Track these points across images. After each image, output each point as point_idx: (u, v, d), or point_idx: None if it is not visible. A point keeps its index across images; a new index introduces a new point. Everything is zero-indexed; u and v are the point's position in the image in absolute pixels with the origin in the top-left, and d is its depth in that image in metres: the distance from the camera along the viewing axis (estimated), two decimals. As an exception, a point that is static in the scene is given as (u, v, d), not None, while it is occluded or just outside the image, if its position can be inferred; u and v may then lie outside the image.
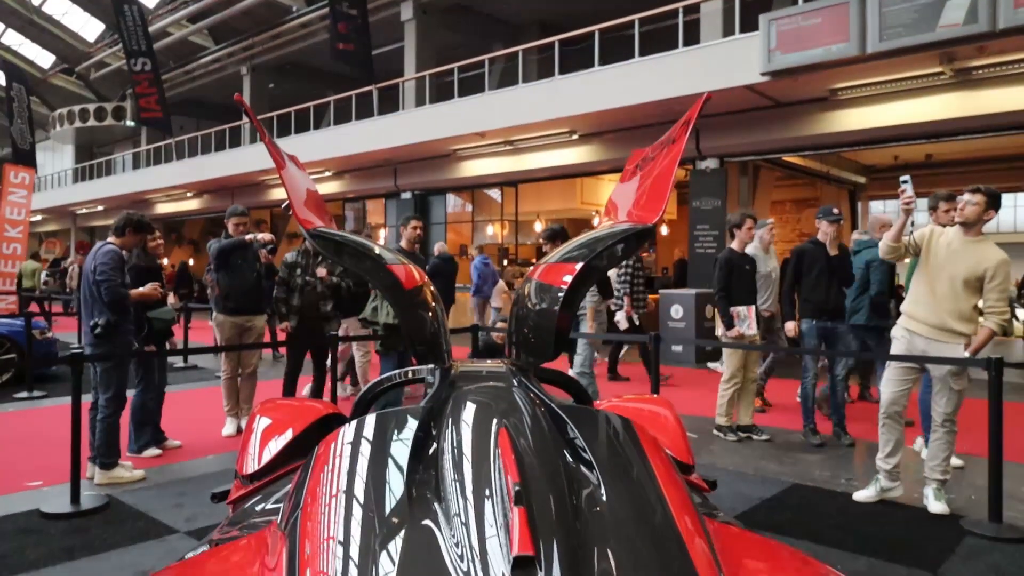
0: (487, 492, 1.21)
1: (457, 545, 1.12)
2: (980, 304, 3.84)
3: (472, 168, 13.97)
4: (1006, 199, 4.07)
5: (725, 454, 5.22)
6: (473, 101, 12.55)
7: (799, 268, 5.50)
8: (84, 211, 27.36)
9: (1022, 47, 7.55)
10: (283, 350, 8.09)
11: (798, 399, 5.86)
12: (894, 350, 4.05)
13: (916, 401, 4.68)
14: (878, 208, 19.72)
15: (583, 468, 1.39)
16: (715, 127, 10.58)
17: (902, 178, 3.71)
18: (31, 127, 22.69)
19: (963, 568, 3.23)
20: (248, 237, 5.42)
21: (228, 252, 5.47)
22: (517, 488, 1.13)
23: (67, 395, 7.00)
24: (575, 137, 12.03)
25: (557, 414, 1.60)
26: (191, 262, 24.91)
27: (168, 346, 5.42)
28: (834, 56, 7.91)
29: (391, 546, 1.16)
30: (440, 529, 1.17)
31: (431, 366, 2.04)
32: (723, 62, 9.06)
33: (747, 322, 5.55)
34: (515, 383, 1.82)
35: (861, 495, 4.12)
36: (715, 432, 5.68)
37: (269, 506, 1.95)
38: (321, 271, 5.71)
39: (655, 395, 4.30)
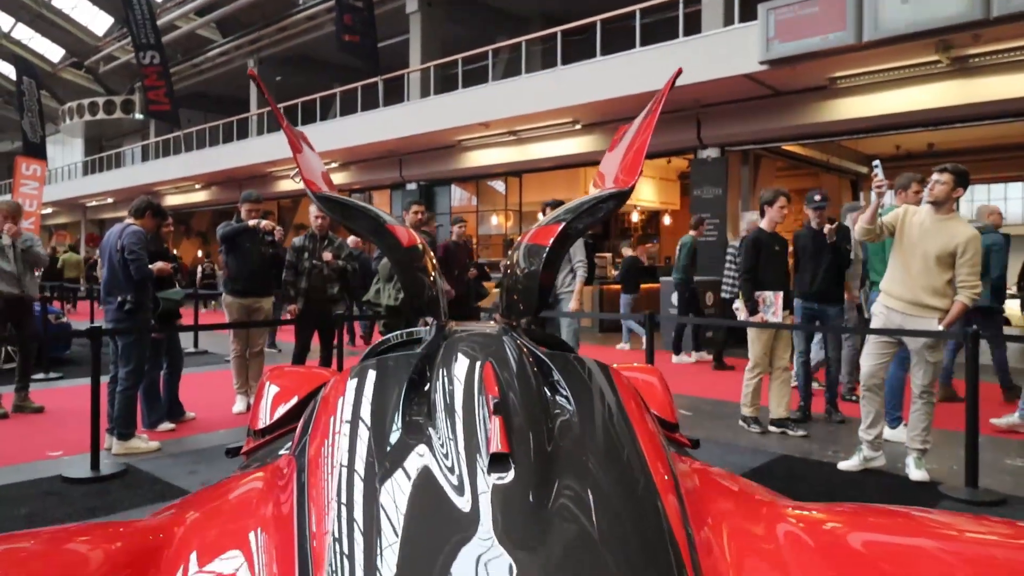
0: (471, 409, 1.38)
1: (444, 451, 1.29)
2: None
3: (477, 159, 14.13)
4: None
5: (719, 429, 5.37)
6: (477, 92, 12.71)
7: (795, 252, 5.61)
8: (94, 203, 27.66)
9: (1018, 35, 7.66)
10: (285, 337, 8.30)
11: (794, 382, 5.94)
12: (873, 326, 4.21)
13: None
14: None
15: (559, 398, 1.56)
16: (716, 116, 10.73)
17: (874, 163, 3.88)
18: (41, 120, 22.98)
19: (937, 527, 3.39)
20: (252, 223, 5.60)
21: (233, 236, 5.66)
22: (496, 401, 1.30)
23: (81, 377, 7.26)
24: (578, 127, 12.17)
25: (539, 357, 1.77)
26: (199, 253, 25.20)
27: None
28: (831, 45, 8.04)
29: (387, 458, 1.33)
30: (430, 442, 1.34)
31: (429, 321, 2.23)
32: (723, 51, 9.20)
33: (772, 308, 5.11)
34: (504, 336, 2.00)
35: (845, 465, 4.29)
36: (740, 423, 5.36)
37: (281, 453, 2.14)
38: (327, 255, 5.89)
39: (648, 365, 4.47)
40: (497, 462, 1.20)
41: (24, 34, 28.47)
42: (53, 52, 29.34)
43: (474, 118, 12.44)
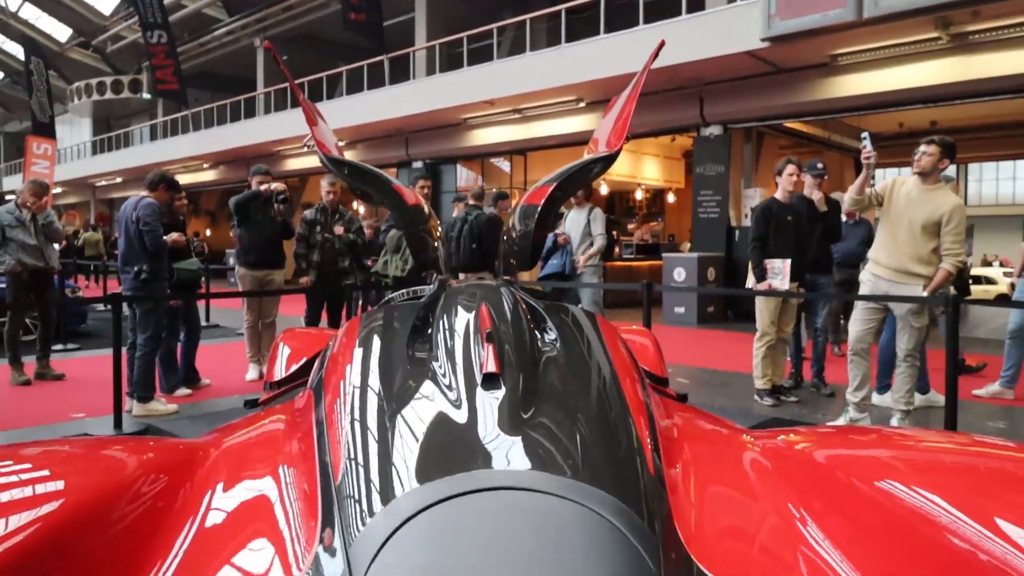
0: (467, 341, 1.57)
1: (444, 375, 1.48)
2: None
3: (482, 137, 14.26)
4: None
5: (713, 397, 5.57)
6: (482, 70, 12.81)
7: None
8: (103, 183, 27.89)
9: (1016, 11, 7.74)
10: (291, 311, 8.51)
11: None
12: (861, 293, 4.39)
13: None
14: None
15: (546, 335, 1.75)
16: (719, 93, 10.82)
17: (863, 135, 4.03)
18: (50, 100, 23.15)
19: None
20: (263, 188, 5.78)
21: (245, 204, 5.84)
22: (489, 331, 1.49)
23: (97, 348, 7.51)
24: (582, 105, 12.27)
25: (531, 304, 1.96)
26: (208, 232, 25.43)
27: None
28: (832, 22, 8.12)
29: (394, 382, 1.52)
30: (432, 369, 1.53)
31: (433, 276, 2.42)
32: (725, 28, 9.29)
33: (780, 276, 5.14)
34: (501, 287, 2.18)
35: (832, 425, 4.48)
36: (755, 398, 5.33)
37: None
38: (339, 229, 6.06)
39: (643, 327, 4.66)
40: (489, 381, 1.38)
41: (31, 13, 28.55)
42: (60, 32, 29.43)
43: (479, 96, 12.56)
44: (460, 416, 1.31)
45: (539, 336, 1.76)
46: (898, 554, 1.06)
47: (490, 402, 1.32)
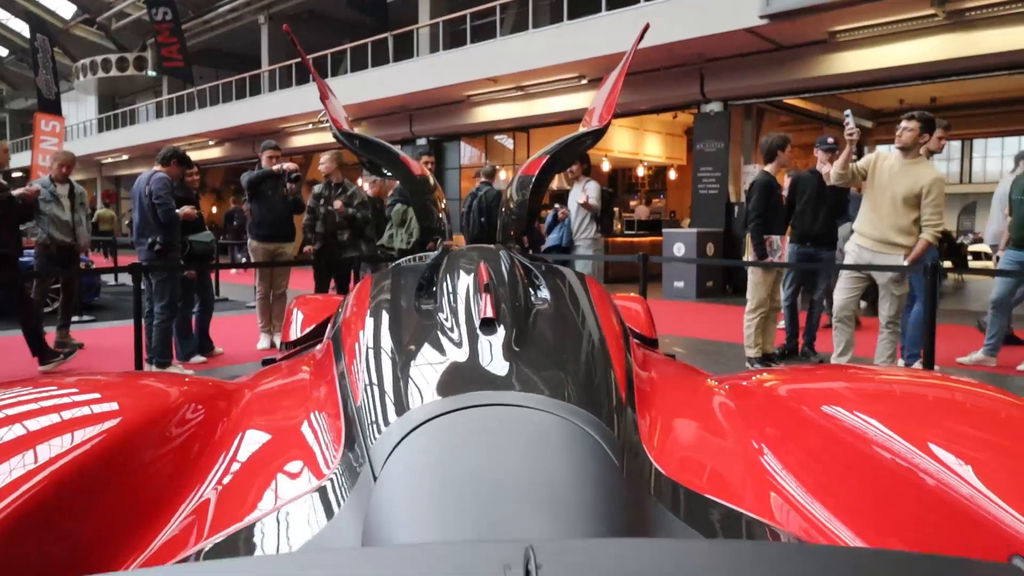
0: (467, 293, 1.80)
1: (447, 321, 1.70)
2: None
3: (485, 114, 14.39)
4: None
5: (705, 364, 5.80)
6: (485, 47, 12.92)
7: (792, 195, 5.77)
8: (109, 160, 28.06)
9: (1011, -12, 7.84)
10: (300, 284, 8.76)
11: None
12: (846, 262, 4.59)
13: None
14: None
15: (539, 291, 1.97)
16: (719, 70, 10.93)
17: (845, 112, 4.21)
18: (55, 78, 23.22)
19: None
20: (276, 167, 6.00)
21: (258, 182, 6.06)
22: (487, 283, 1.71)
23: (112, 320, 7.76)
24: (584, 82, 12.39)
25: (526, 264, 2.18)
26: (214, 209, 25.61)
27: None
28: (828, -1, 8.24)
29: (402, 327, 1.75)
30: (436, 317, 1.75)
31: (439, 242, 2.64)
32: (724, 6, 9.39)
33: (779, 252, 5.29)
34: (499, 250, 2.40)
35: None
36: (746, 365, 5.42)
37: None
38: (337, 203, 6.28)
39: (635, 295, 4.89)
40: (487, 325, 1.61)
41: (36, -9, 28.56)
42: (65, 9, 29.44)
43: (482, 73, 12.68)
44: (461, 352, 1.52)
45: (532, 291, 1.98)
46: (836, 468, 1.26)
47: (487, 341, 1.54)
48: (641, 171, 18.80)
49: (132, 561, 1.12)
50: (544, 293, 1.98)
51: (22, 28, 28.90)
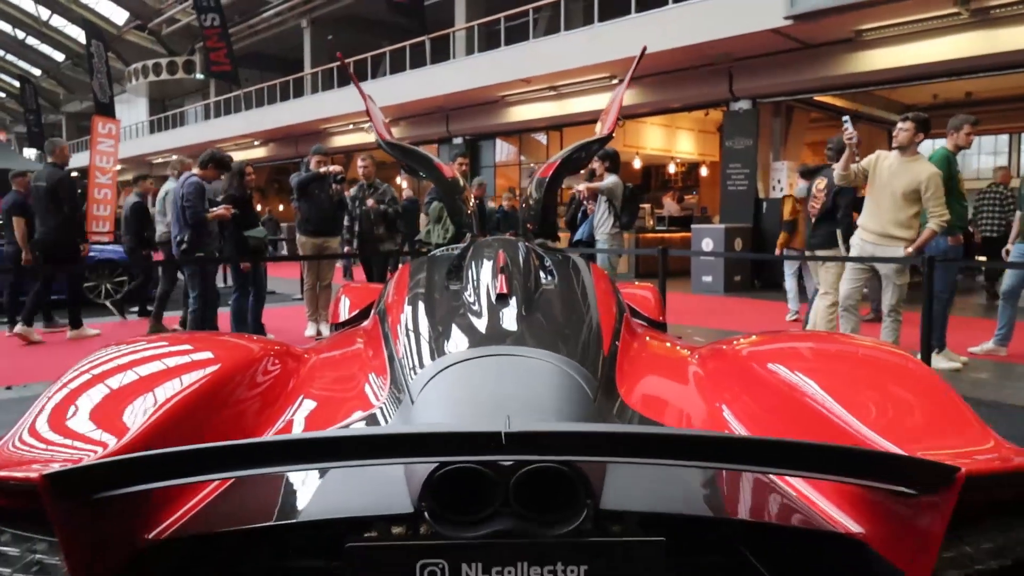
0: (487, 275, 2.21)
1: (470, 296, 2.12)
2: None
3: (519, 113, 14.81)
4: None
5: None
6: (519, 49, 13.34)
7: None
8: (159, 160, 29.18)
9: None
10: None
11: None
12: (851, 255, 4.90)
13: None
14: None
15: (548, 274, 2.38)
16: (747, 69, 11.17)
17: (844, 118, 4.52)
18: (110, 81, 24.34)
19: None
20: (323, 170, 6.51)
21: (306, 184, 6.58)
22: (502, 266, 2.13)
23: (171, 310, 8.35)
24: (615, 81, 12.70)
25: (539, 253, 2.59)
26: (259, 207, 26.47)
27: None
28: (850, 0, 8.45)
29: (435, 302, 2.17)
30: (462, 294, 2.17)
31: (467, 236, 3.07)
32: (749, 7, 9.64)
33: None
34: (518, 242, 2.82)
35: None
36: None
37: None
38: (370, 202, 6.76)
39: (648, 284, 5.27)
40: (501, 299, 2.02)
41: (91, -2, 29.86)
42: (118, 15, 30.69)
43: (516, 74, 13.10)
44: (481, 320, 1.94)
45: (543, 273, 2.40)
46: (774, 411, 1.63)
47: (500, 310, 1.96)
48: (672, 168, 19.01)
49: None
50: (550, 274, 2.40)
51: (77, 34, 30.23)
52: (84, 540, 1.03)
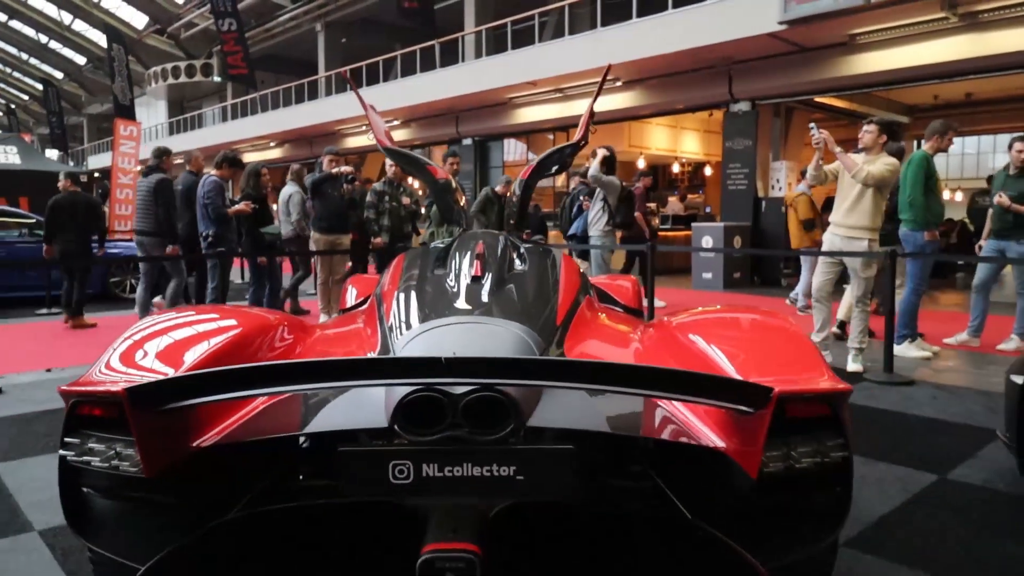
0: (466, 261, 2.62)
1: (450, 278, 2.53)
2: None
3: (526, 115, 15.21)
4: None
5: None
6: (526, 52, 13.74)
7: None
8: (179, 161, 29.81)
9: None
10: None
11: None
12: (823, 250, 5.26)
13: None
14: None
15: (520, 261, 2.78)
16: (745, 72, 11.50)
17: (810, 124, 4.89)
18: (130, 84, 25.01)
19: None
20: (335, 170, 6.93)
21: (320, 183, 7.01)
22: (479, 253, 2.53)
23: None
24: (619, 84, 13.08)
25: (515, 243, 2.99)
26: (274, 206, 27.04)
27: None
28: (843, 6, 8.76)
29: (421, 286, 2.58)
30: (445, 276, 2.57)
31: (457, 230, 3.47)
32: (745, 12, 9.98)
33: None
34: (498, 234, 3.22)
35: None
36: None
37: (364, 314, 3.43)
38: (405, 199, 7.14)
39: (628, 275, 5.65)
40: (475, 280, 2.42)
41: (112, 3, 30.57)
42: (138, 20, 31.40)
43: (523, 77, 13.51)
44: (457, 297, 2.35)
45: (515, 261, 2.80)
46: (672, 361, 2.03)
47: (473, 289, 2.36)
48: (676, 168, 19.32)
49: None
50: (522, 261, 2.79)
51: (98, 38, 30.97)
52: (152, 442, 1.44)
